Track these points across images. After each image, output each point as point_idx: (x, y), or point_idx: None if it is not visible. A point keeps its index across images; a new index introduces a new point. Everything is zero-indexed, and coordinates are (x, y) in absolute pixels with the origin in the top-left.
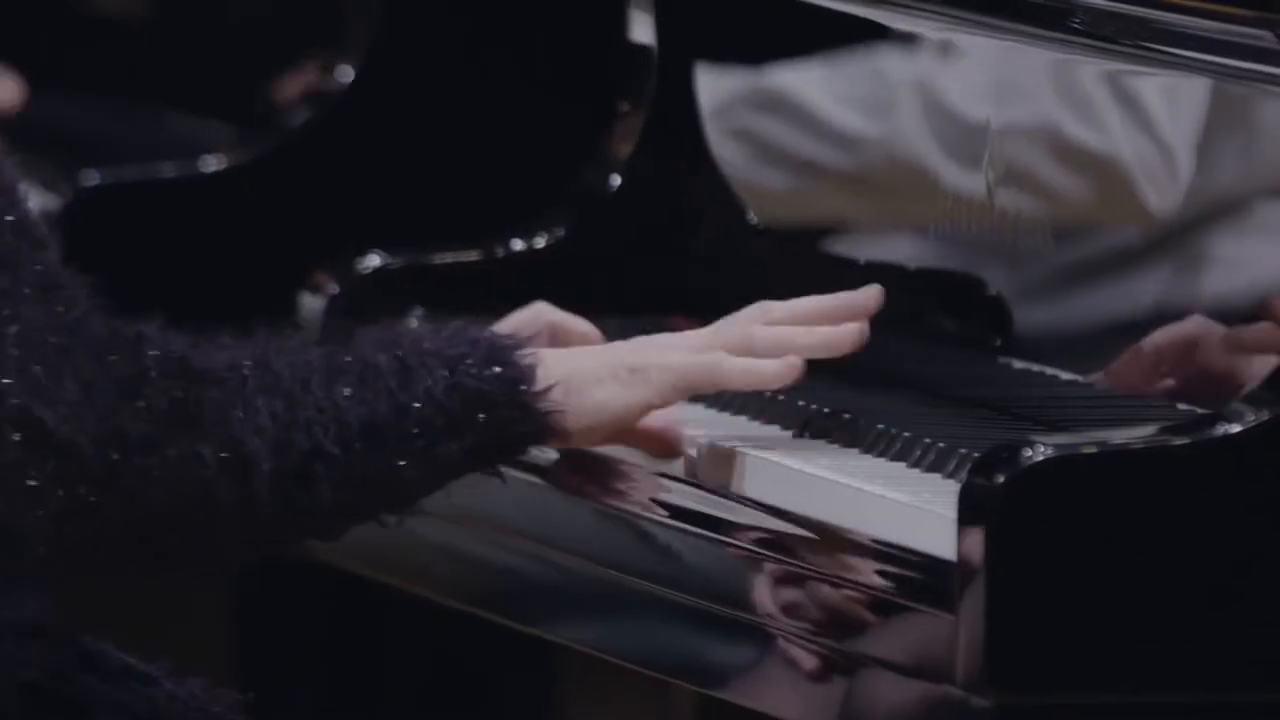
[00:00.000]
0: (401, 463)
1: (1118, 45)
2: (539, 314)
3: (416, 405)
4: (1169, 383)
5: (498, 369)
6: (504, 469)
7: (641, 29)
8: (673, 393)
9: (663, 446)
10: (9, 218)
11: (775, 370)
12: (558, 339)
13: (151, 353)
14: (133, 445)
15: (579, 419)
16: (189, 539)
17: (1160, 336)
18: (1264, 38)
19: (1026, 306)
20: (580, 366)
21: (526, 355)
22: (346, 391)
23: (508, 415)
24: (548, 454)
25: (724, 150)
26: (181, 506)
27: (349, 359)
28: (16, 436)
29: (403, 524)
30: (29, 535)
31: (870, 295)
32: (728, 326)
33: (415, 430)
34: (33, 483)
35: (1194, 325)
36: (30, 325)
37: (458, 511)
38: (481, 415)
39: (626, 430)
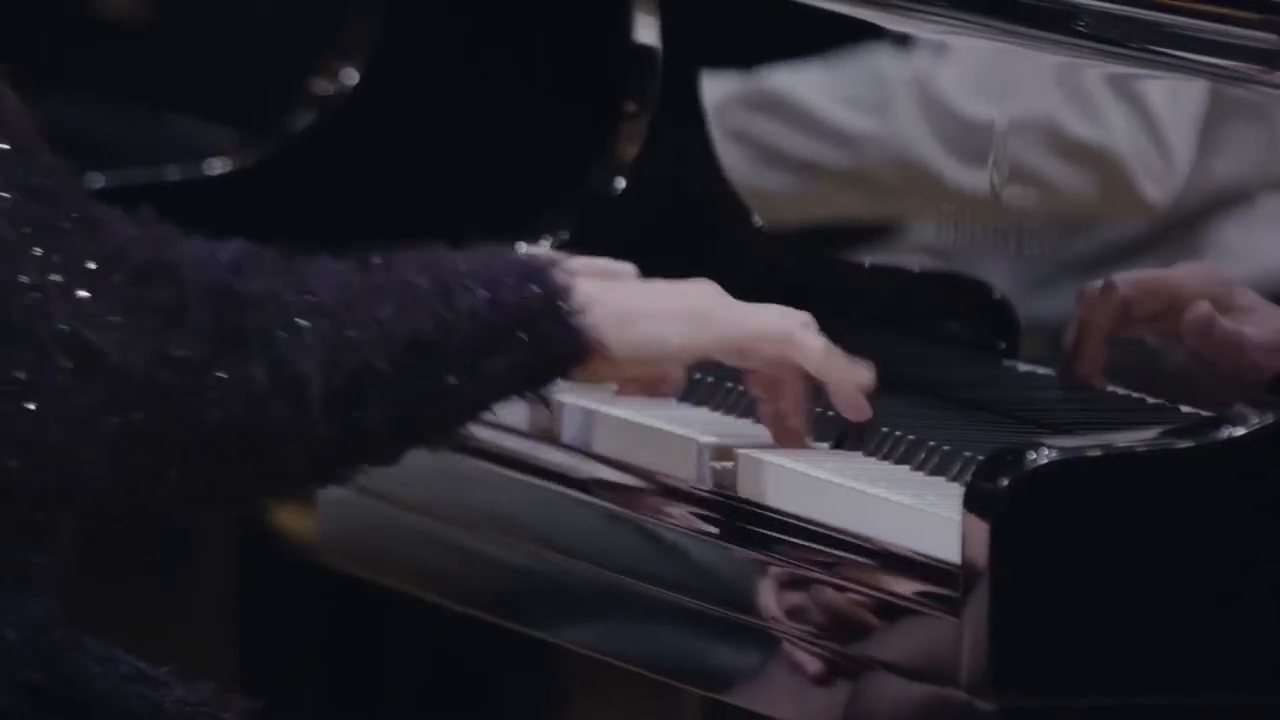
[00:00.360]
0: (450, 379)
1: (1122, 48)
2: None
3: (460, 321)
4: (1172, 384)
5: (534, 287)
6: (504, 470)
7: (646, 30)
8: (732, 347)
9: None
10: (42, 158)
11: (847, 367)
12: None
13: (190, 278)
14: (183, 368)
15: (623, 346)
16: (248, 465)
17: (1165, 338)
18: (1268, 40)
19: (1031, 309)
20: (629, 296)
21: (561, 274)
22: (390, 310)
23: (548, 332)
24: (554, 456)
25: (727, 152)
26: (237, 428)
27: (388, 280)
28: (68, 363)
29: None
30: (87, 464)
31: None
32: (787, 315)
33: (460, 345)
34: (86, 408)
35: (1199, 327)
36: (73, 253)
37: (458, 512)
38: (523, 332)
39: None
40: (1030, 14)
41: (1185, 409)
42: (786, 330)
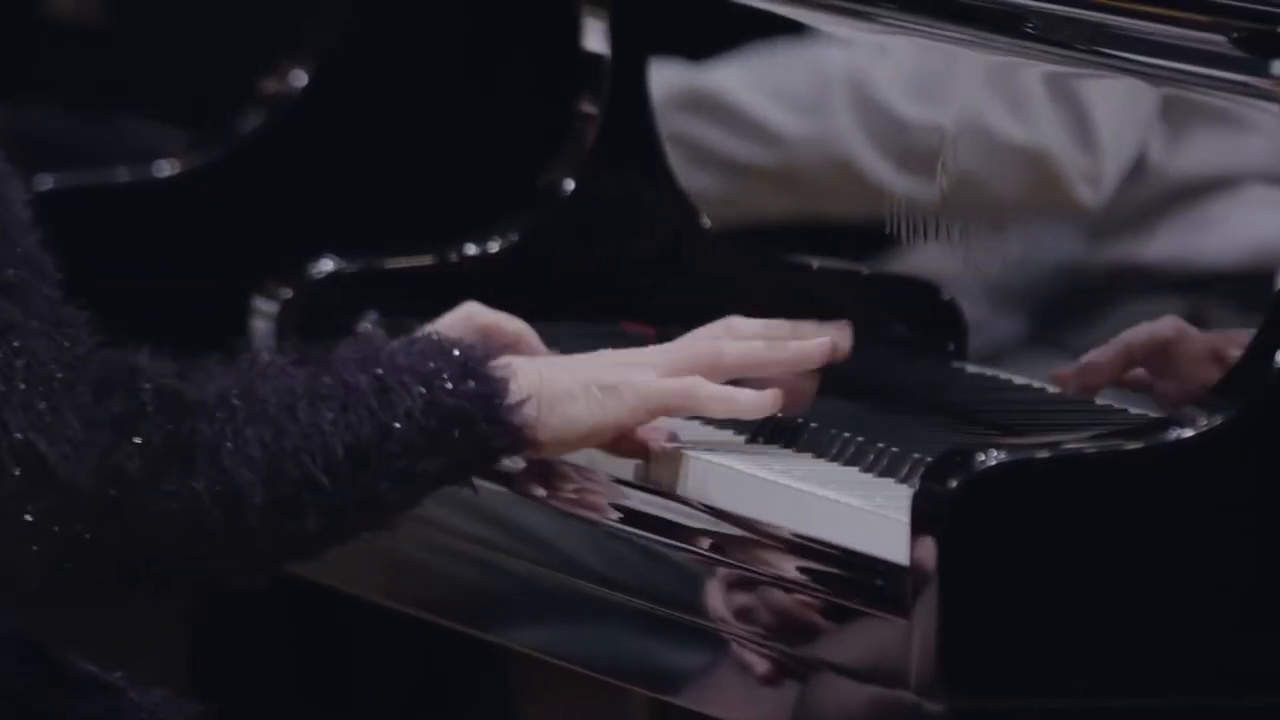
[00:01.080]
0: (384, 485)
1: (1069, 50)
2: (470, 316)
3: (397, 426)
4: (1120, 387)
5: (472, 383)
6: (472, 487)
7: (595, 33)
8: (645, 414)
9: (632, 446)
10: (19, 249)
11: (750, 401)
12: (490, 341)
13: (147, 387)
14: (130, 482)
15: (548, 433)
16: (180, 571)
17: (1112, 340)
18: (1216, 42)
19: (979, 311)
20: (552, 380)
21: (499, 368)
22: (330, 416)
23: (484, 431)
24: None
25: (674, 155)
26: (175, 540)
27: (330, 381)
28: (16, 471)
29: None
30: (22, 570)
31: (840, 333)
32: (696, 341)
33: (397, 451)
34: (29, 518)
35: (1145, 330)
36: (37, 359)
37: (412, 518)
38: (458, 432)
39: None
40: (977, 15)
41: (1134, 410)
42: (687, 391)
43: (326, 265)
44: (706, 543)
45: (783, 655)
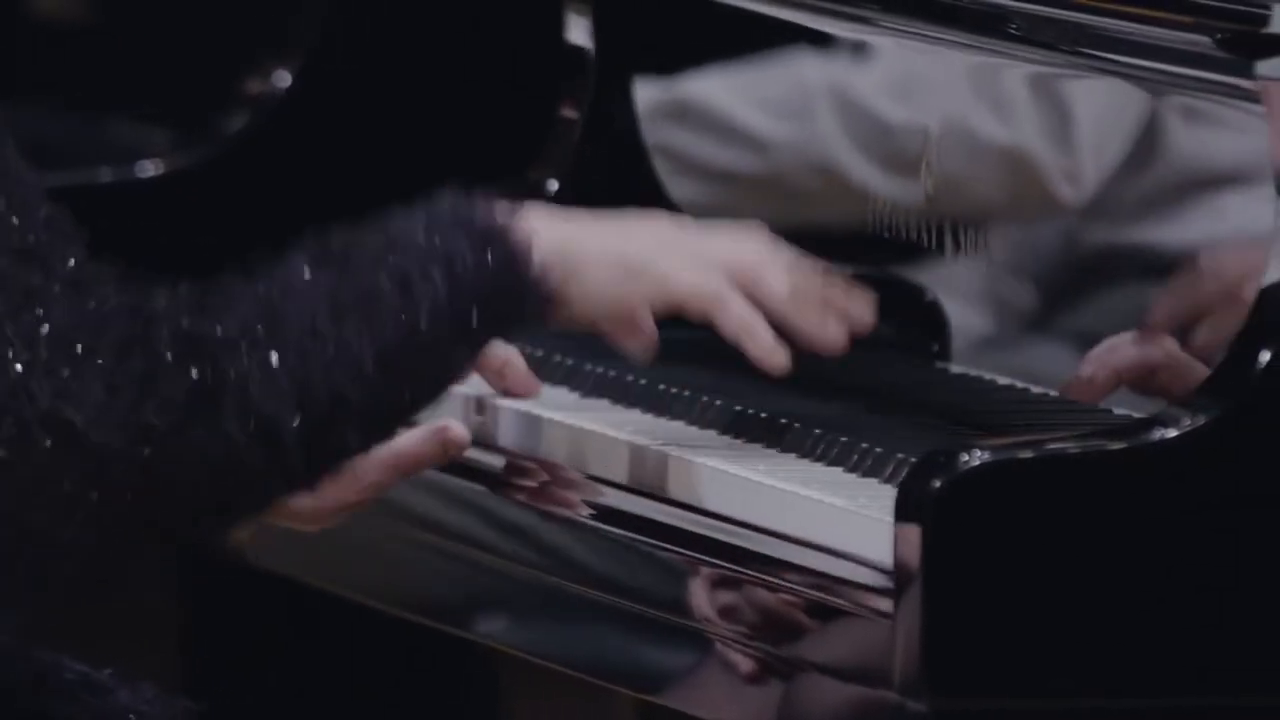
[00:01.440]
0: (416, 379)
1: (1053, 51)
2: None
3: (422, 323)
4: (1105, 387)
5: (491, 256)
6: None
7: (579, 32)
8: (663, 307)
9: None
10: (40, 212)
11: (767, 344)
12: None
13: (165, 336)
14: (161, 437)
15: (568, 299)
16: (228, 510)
17: (1095, 341)
18: (1201, 43)
19: (963, 311)
20: (579, 247)
21: (519, 235)
22: (354, 325)
23: (509, 305)
24: (487, 459)
25: (660, 166)
26: (216, 482)
27: (351, 286)
28: (48, 441)
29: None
30: (71, 541)
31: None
32: (743, 249)
33: (425, 346)
34: (67, 487)
35: (1129, 330)
36: (60, 326)
37: (391, 515)
38: (483, 310)
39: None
40: (959, 16)
41: (1118, 411)
42: (713, 294)
43: None
44: (690, 542)
45: (767, 655)
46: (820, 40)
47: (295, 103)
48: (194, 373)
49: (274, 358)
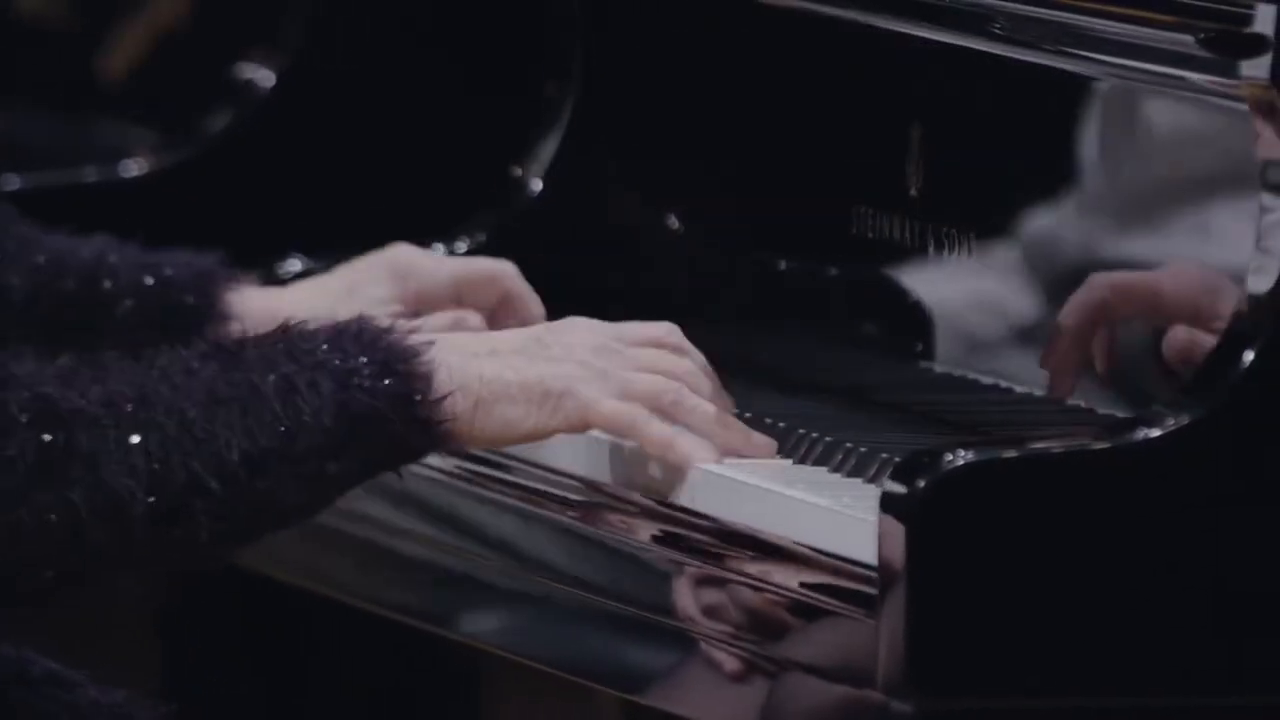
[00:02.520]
0: (286, 488)
1: (1037, 49)
2: (502, 275)
3: (302, 430)
4: (1088, 386)
5: (390, 381)
6: (425, 478)
7: (563, 33)
8: (583, 428)
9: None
10: None
11: (688, 451)
12: (506, 308)
13: (23, 395)
14: (2, 494)
15: (482, 431)
16: (63, 577)
17: (1079, 340)
18: (1184, 43)
19: (947, 311)
20: (493, 380)
21: (424, 363)
22: (227, 420)
23: (399, 430)
24: (469, 460)
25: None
26: (53, 550)
27: (234, 381)
28: None
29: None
30: None
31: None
32: (655, 379)
33: (301, 454)
34: None
35: (1113, 330)
36: None
37: (374, 514)
38: (371, 432)
39: None
40: (943, 15)
41: (1101, 410)
42: (627, 423)
43: (294, 265)
44: (675, 542)
45: (751, 655)
46: (820, 36)
47: (279, 102)
48: (45, 438)
49: (134, 438)
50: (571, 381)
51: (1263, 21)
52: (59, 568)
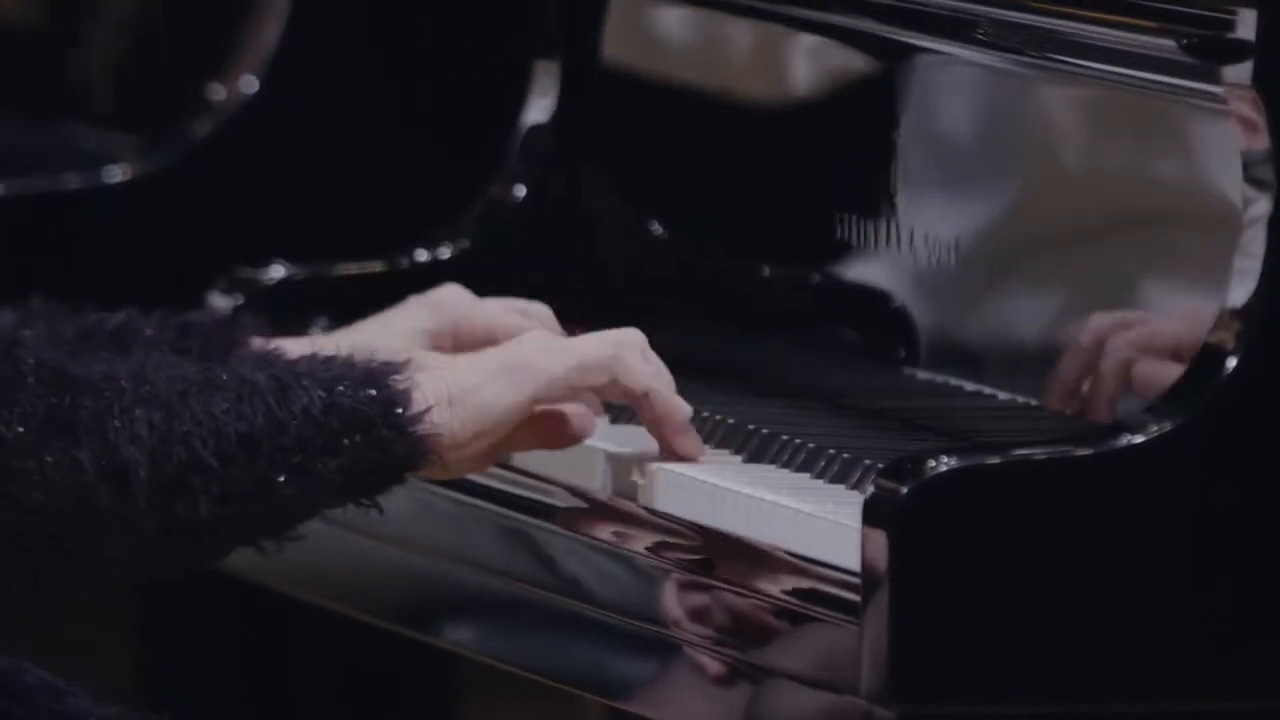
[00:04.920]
0: (279, 478)
1: (1021, 55)
2: (451, 302)
3: (294, 421)
4: (1072, 393)
5: (372, 391)
6: (384, 499)
7: (545, 41)
8: (561, 387)
9: (560, 431)
10: None
11: (667, 389)
12: (461, 332)
13: (29, 359)
14: (10, 449)
15: (464, 429)
16: (70, 549)
17: (1063, 347)
18: (1168, 48)
19: (930, 317)
20: (457, 377)
21: (402, 380)
22: (224, 405)
23: (385, 436)
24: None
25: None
26: (60, 512)
27: (225, 376)
28: None
29: (281, 550)
30: None
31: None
32: (604, 342)
33: (292, 445)
34: None
35: (1096, 336)
36: None
37: (360, 521)
38: (358, 436)
39: (517, 430)
40: (926, 20)
41: (1085, 417)
42: (607, 355)
43: (277, 271)
44: (658, 549)
45: (734, 661)
46: (806, 42)
47: (262, 107)
48: (53, 400)
49: (136, 410)
50: (532, 350)
51: (1244, 26)
52: (61, 535)
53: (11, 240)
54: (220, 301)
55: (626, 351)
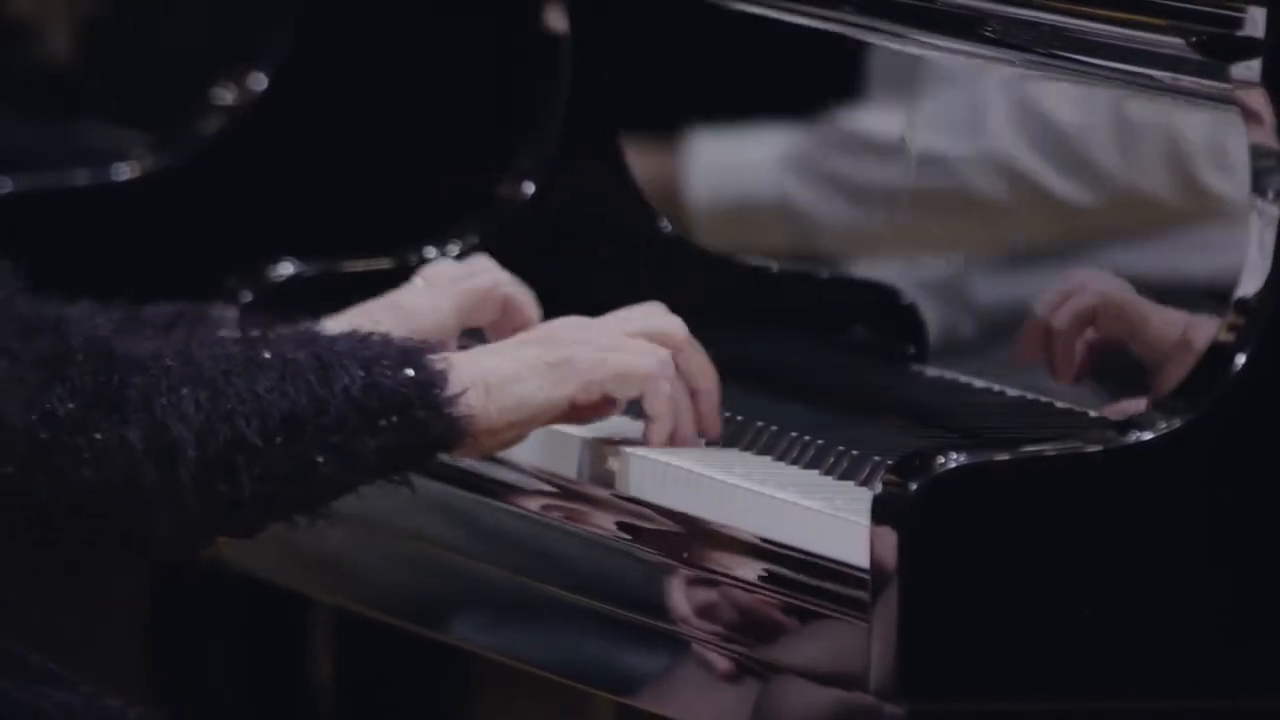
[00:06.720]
0: (319, 457)
1: (1029, 53)
2: (496, 285)
3: (334, 400)
4: (1082, 389)
5: (410, 371)
6: (415, 478)
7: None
8: (598, 390)
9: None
10: None
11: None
12: (505, 315)
13: (77, 336)
14: (61, 425)
15: (500, 416)
16: (116, 523)
17: (1073, 343)
18: (1176, 46)
19: (940, 314)
20: (495, 366)
21: (439, 360)
22: (266, 384)
23: (422, 417)
24: (462, 461)
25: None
26: (108, 487)
27: (268, 354)
28: None
29: (314, 527)
30: None
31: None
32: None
33: (333, 425)
34: None
35: (1107, 333)
36: None
37: (369, 518)
38: (396, 416)
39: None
40: (934, 19)
41: (1094, 414)
42: (644, 374)
43: (286, 268)
44: (667, 545)
45: (743, 657)
46: (804, 38)
47: (271, 105)
48: (101, 375)
49: (183, 388)
50: (575, 346)
51: (1253, 24)
52: (110, 506)
53: (21, 236)
54: (228, 298)
55: (662, 372)
